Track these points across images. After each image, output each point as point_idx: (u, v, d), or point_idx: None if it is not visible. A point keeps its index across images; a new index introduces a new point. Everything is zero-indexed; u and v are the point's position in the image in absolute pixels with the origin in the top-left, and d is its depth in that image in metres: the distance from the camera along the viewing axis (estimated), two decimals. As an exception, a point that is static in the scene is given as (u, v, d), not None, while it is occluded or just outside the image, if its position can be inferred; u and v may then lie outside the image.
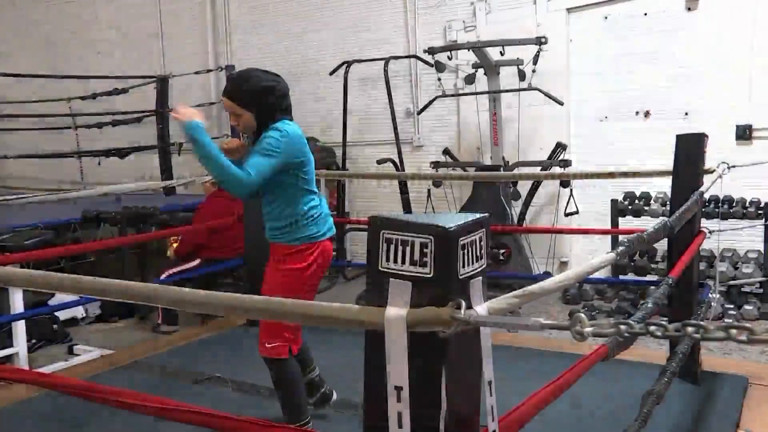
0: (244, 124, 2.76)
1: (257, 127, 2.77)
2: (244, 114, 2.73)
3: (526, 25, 6.10)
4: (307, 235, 2.78)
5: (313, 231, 2.79)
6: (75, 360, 4.55)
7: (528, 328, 1.18)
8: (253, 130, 2.79)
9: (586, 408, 3.23)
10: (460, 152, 6.60)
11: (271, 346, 2.79)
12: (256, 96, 2.71)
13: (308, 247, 2.79)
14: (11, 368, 3.03)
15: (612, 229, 5.59)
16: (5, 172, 9.83)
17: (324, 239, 2.85)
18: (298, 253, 2.77)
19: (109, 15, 8.99)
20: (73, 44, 9.35)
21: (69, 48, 9.37)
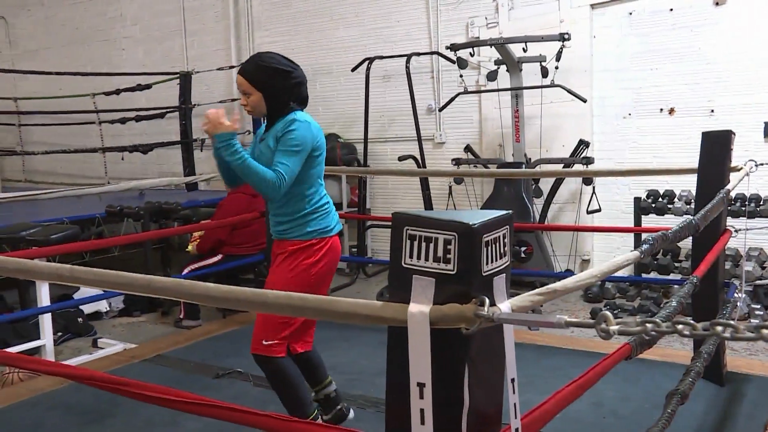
0: (253, 105, 2.71)
1: (268, 113, 2.72)
2: (254, 93, 2.68)
3: (549, 21, 6.06)
4: (318, 229, 2.74)
5: (323, 225, 2.75)
6: (99, 353, 4.61)
7: (553, 325, 1.18)
8: (262, 113, 2.74)
9: (607, 407, 3.22)
10: (481, 149, 6.57)
11: (267, 344, 2.69)
12: (269, 76, 2.66)
13: (318, 242, 2.73)
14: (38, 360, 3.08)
15: (635, 227, 5.53)
16: (32, 167, 9.97)
17: (334, 234, 2.81)
18: (309, 248, 2.71)
19: (133, 12, 9.08)
20: (97, 41, 9.45)
21: (94, 45, 9.47)
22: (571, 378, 1.85)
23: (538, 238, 5.79)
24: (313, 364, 3.02)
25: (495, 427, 1.51)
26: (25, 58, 10.16)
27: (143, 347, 4.57)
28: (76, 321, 5.08)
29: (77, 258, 5.76)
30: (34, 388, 3.70)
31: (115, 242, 5.11)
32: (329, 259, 2.77)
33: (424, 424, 1.32)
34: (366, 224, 6.82)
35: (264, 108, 2.71)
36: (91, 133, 8.70)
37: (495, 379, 1.51)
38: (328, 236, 2.77)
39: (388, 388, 1.46)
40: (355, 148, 6.96)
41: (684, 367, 2.65)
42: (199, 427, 3.09)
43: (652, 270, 5.43)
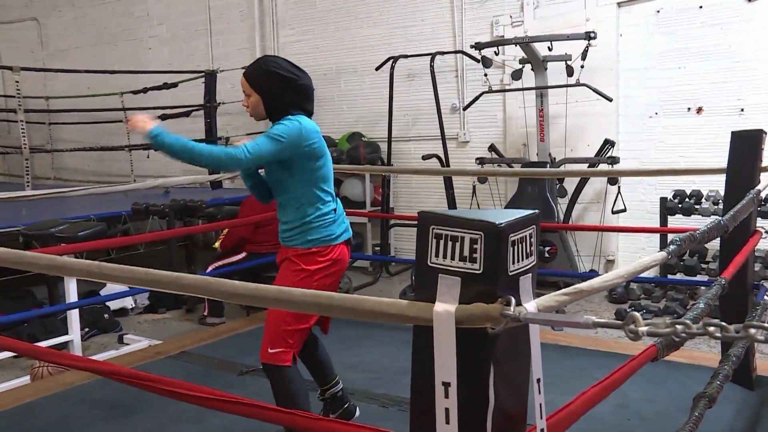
0: (252, 106, 2.66)
1: (268, 117, 2.67)
2: (252, 95, 2.64)
3: (575, 19, 6.02)
4: (320, 237, 2.64)
5: (326, 233, 2.65)
6: (125, 349, 4.67)
7: (580, 325, 1.17)
8: (261, 116, 2.68)
9: (632, 408, 3.19)
10: (505, 148, 6.54)
11: (273, 352, 2.62)
12: (268, 79, 2.60)
13: (321, 250, 2.65)
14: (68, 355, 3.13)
15: (661, 227, 5.48)
16: (60, 164, 10.13)
17: (340, 242, 2.70)
18: (311, 255, 2.64)
19: (160, 12, 9.17)
20: (125, 41, 9.57)
21: (121, 44, 9.59)
22: (594, 379, 1.84)
23: (562, 238, 5.75)
24: (322, 363, 3.02)
25: (520, 427, 1.51)
26: (56, 58, 10.32)
27: (168, 344, 4.62)
28: (102, 317, 5.15)
29: (103, 255, 5.84)
30: (63, 383, 3.76)
31: (140, 239, 5.17)
32: (335, 269, 2.70)
33: (449, 423, 1.32)
34: (389, 223, 6.82)
35: (262, 111, 2.66)
36: (117, 131, 8.81)
37: (520, 379, 1.50)
38: (331, 245, 2.67)
39: (413, 387, 1.46)
40: (379, 147, 6.96)
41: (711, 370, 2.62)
42: (224, 424, 3.11)
43: (678, 271, 5.37)
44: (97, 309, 5.15)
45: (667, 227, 5.41)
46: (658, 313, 4.98)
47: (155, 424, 3.22)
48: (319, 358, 3.01)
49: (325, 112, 7.71)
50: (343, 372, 3.79)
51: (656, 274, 5.44)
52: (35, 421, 3.31)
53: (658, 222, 5.57)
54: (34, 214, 5.64)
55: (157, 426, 3.20)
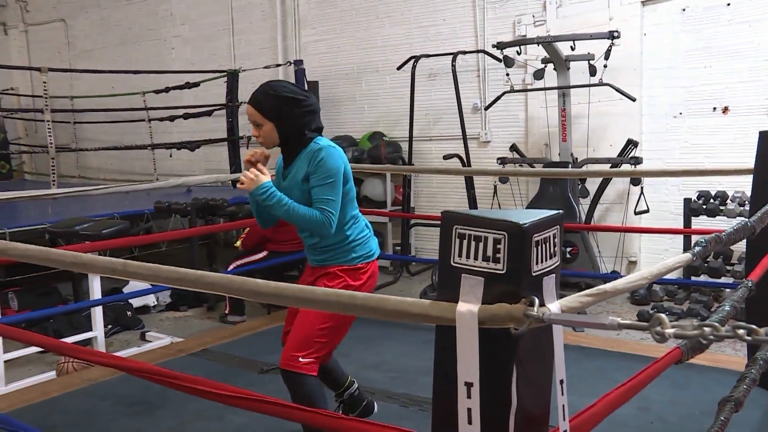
0: (265, 136, 2.60)
1: (282, 144, 2.62)
2: (265, 124, 2.57)
3: (598, 18, 5.97)
4: (362, 254, 2.68)
5: (366, 251, 2.69)
6: (147, 346, 4.71)
7: (605, 327, 1.16)
8: (275, 144, 2.62)
9: (655, 412, 3.15)
10: (527, 148, 6.51)
11: (304, 362, 2.58)
12: (279, 104, 2.54)
13: (364, 267, 2.69)
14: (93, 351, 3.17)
15: (684, 229, 5.41)
16: (85, 163, 10.25)
17: (375, 259, 2.74)
18: (354, 271, 2.66)
19: (183, 12, 9.25)
20: (148, 41, 9.66)
21: (145, 44, 9.68)
22: (615, 381, 1.83)
23: (584, 238, 5.71)
24: (332, 371, 3.01)
25: (542, 428, 1.50)
26: (82, 58, 10.46)
27: (189, 341, 4.66)
28: (125, 314, 5.21)
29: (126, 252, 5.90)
30: (88, 378, 3.81)
31: (163, 237, 5.22)
32: (370, 284, 2.73)
33: (471, 423, 1.31)
34: (410, 223, 6.82)
35: (276, 138, 2.60)
36: (140, 130, 8.90)
37: (543, 380, 1.50)
38: (371, 261, 2.71)
39: (435, 386, 1.46)
40: (400, 147, 6.96)
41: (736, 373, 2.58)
42: (245, 421, 3.13)
43: (702, 273, 5.31)
44: (120, 306, 5.21)
45: (691, 228, 5.35)
46: (681, 316, 4.93)
47: (177, 420, 3.24)
48: (328, 367, 2.98)
49: (346, 112, 7.72)
50: (363, 371, 3.81)
51: (679, 275, 5.38)
52: (61, 416, 3.35)
53: (682, 223, 5.50)
54: (59, 212, 5.71)
55: (178, 423, 3.22)
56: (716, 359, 3.83)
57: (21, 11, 11.21)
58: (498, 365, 1.35)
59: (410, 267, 6.82)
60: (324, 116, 7.83)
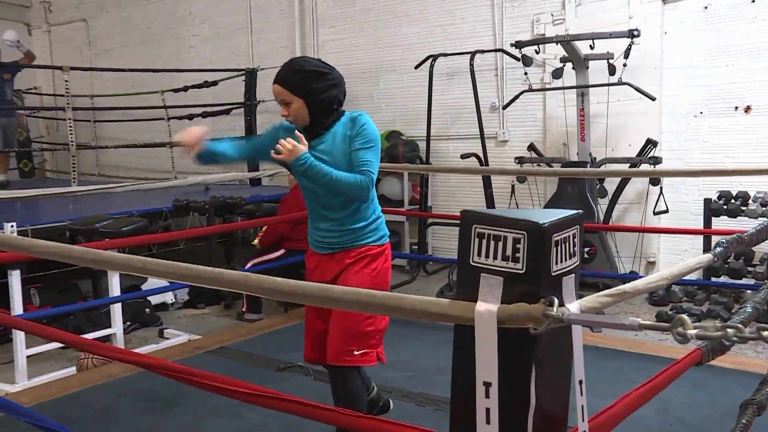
0: (295, 114, 2.55)
1: (311, 120, 2.57)
2: (294, 101, 2.52)
3: (618, 17, 5.92)
4: (385, 233, 2.68)
5: (386, 230, 2.70)
6: (165, 343, 4.74)
7: (626, 327, 1.15)
8: (305, 122, 2.57)
9: (674, 414, 3.13)
10: (545, 148, 6.48)
11: (359, 354, 2.55)
12: (308, 80, 2.50)
13: (387, 246, 2.68)
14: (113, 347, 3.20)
15: (704, 229, 5.36)
16: (104, 161, 10.35)
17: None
18: (381, 254, 2.63)
19: (202, 11, 9.30)
20: (168, 40, 9.73)
21: (164, 43, 9.75)
22: (633, 382, 1.81)
23: (602, 238, 5.67)
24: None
25: (561, 428, 1.49)
26: (102, 57, 10.55)
27: (207, 339, 4.69)
28: (143, 311, 5.24)
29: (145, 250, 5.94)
30: (107, 374, 3.85)
31: (181, 235, 5.24)
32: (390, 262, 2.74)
33: (490, 423, 1.31)
34: (427, 222, 6.81)
35: (306, 115, 2.55)
36: (159, 128, 8.97)
37: (562, 380, 1.49)
38: (389, 241, 2.72)
39: (453, 386, 1.46)
40: (418, 146, 6.95)
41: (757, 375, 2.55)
42: (262, 419, 3.15)
43: (723, 274, 5.25)
44: (139, 303, 5.24)
45: (711, 229, 5.29)
46: (701, 317, 4.88)
47: (194, 417, 3.27)
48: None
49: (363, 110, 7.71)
50: (379, 370, 3.79)
51: (699, 276, 5.33)
52: (82, 411, 3.39)
53: (702, 224, 5.45)
54: (79, 209, 5.77)
55: (196, 419, 3.25)
56: (737, 361, 3.79)
57: (44, 12, 11.34)
58: (517, 365, 1.35)
59: (427, 266, 6.81)
60: (341, 115, 7.85)
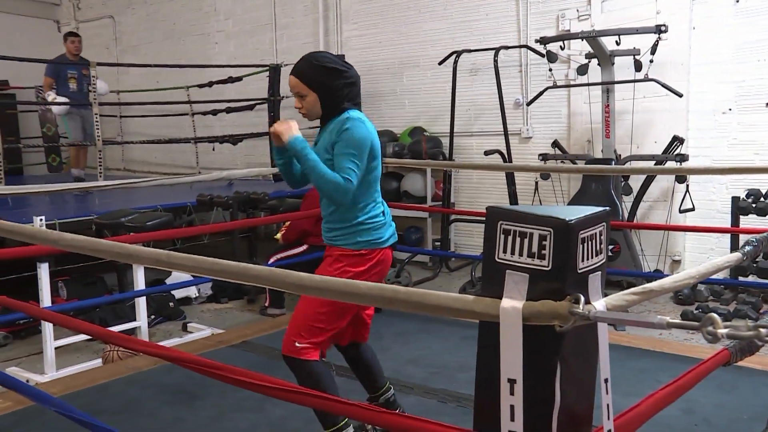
0: (308, 107, 2.57)
1: (323, 115, 2.60)
2: (309, 95, 2.54)
3: (645, 12, 5.84)
4: (368, 240, 2.58)
5: (375, 236, 2.60)
6: (188, 337, 4.79)
7: (654, 326, 1.14)
8: (317, 116, 2.61)
9: (699, 414, 3.09)
10: (569, 145, 6.43)
11: (301, 346, 2.56)
12: (324, 75, 2.51)
13: (368, 253, 2.58)
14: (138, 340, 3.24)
15: (732, 227, 5.28)
16: (130, 156, 10.46)
17: (386, 246, 2.64)
18: (356, 257, 2.57)
19: (226, 7, 9.35)
20: (193, 36, 9.80)
21: (189, 39, 9.82)
22: (658, 381, 1.80)
23: (626, 236, 5.62)
24: (370, 369, 2.93)
25: (586, 427, 1.48)
26: (128, 53, 10.66)
27: (230, 333, 4.72)
28: (167, 305, 5.30)
29: (169, 244, 6.00)
30: (132, 367, 3.89)
31: (205, 230, 5.29)
32: (378, 271, 2.63)
33: (514, 420, 1.30)
34: (450, 218, 6.80)
35: (320, 110, 2.58)
36: (184, 124, 9.04)
37: (587, 378, 1.48)
38: (378, 248, 2.60)
39: (478, 382, 1.46)
40: (441, 142, 6.94)
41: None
42: (284, 413, 3.16)
43: (751, 273, 5.17)
44: (163, 297, 5.30)
45: (739, 227, 5.21)
46: (728, 317, 4.81)
47: (217, 410, 3.29)
48: (367, 363, 2.93)
49: (387, 107, 7.72)
50: (402, 366, 3.82)
51: (726, 275, 5.26)
52: (108, 403, 3.43)
53: (729, 222, 5.37)
54: (105, 204, 5.84)
55: (219, 413, 3.27)
56: (765, 362, 3.73)
57: (73, 9, 11.50)
58: (542, 362, 1.34)
59: (449, 263, 6.80)
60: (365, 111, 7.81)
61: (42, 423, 3.14)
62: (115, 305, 4.89)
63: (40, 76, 7.96)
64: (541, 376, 1.34)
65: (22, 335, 4.87)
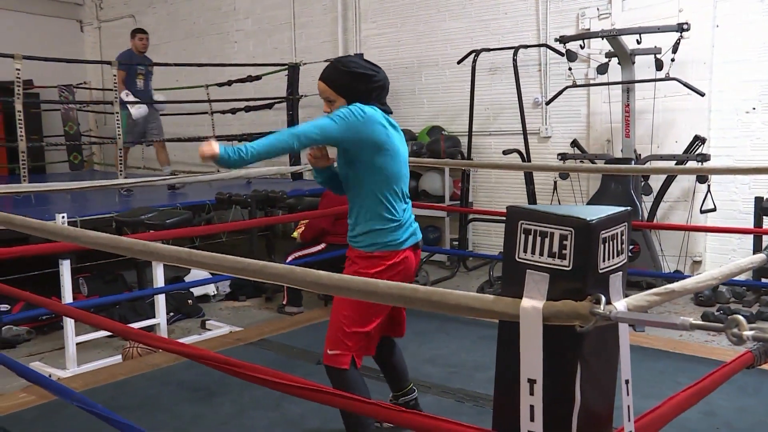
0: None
1: None
2: (337, 100, 2.54)
3: (667, 10, 5.79)
4: (384, 242, 2.54)
5: (390, 239, 2.55)
6: (207, 334, 4.81)
7: (676, 327, 1.13)
8: None
9: (721, 417, 3.05)
10: (588, 144, 6.39)
11: (332, 354, 2.56)
12: (351, 80, 2.51)
13: (383, 255, 2.55)
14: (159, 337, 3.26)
15: (755, 228, 5.21)
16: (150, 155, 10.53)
17: (405, 248, 2.59)
18: (372, 259, 2.55)
19: (246, 6, 9.40)
20: (212, 35, 9.85)
21: (209, 38, 9.88)
22: (677, 383, 1.79)
23: (645, 237, 5.57)
24: (396, 369, 2.95)
25: (606, 428, 1.47)
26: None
27: (248, 331, 4.74)
28: (186, 303, 5.33)
29: (188, 242, 6.04)
30: (151, 363, 3.92)
31: (223, 228, 5.31)
32: (396, 273, 2.56)
33: (534, 420, 1.30)
34: (468, 217, 6.78)
35: None
36: (203, 122, 9.09)
37: (607, 379, 1.47)
38: (395, 250, 2.56)
39: (497, 382, 1.45)
40: (459, 141, 6.92)
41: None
42: (301, 411, 3.17)
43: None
44: (182, 295, 5.34)
45: (762, 228, 5.15)
46: (751, 319, 4.76)
47: (236, 408, 3.31)
48: (394, 363, 2.96)
49: (405, 106, 7.72)
50: (419, 365, 3.81)
51: (748, 277, 5.19)
52: (128, 399, 3.47)
53: (751, 223, 5.30)
54: (126, 202, 5.90)
55: (237, 410, 3.29)
56: (786, 365, 3.68)
57: (96, 9, 11.63)
58: (562, 363, 1.33)
59: (467, 262, 6.78)
60: (383, 109, 7.81)
61: (65, 417, 3.18)
62: (135, 302, 4.94)
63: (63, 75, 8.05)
64: (562, 377, 1.34)
65: (44, 330, 4.93)
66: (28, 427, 3.15)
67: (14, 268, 4.25)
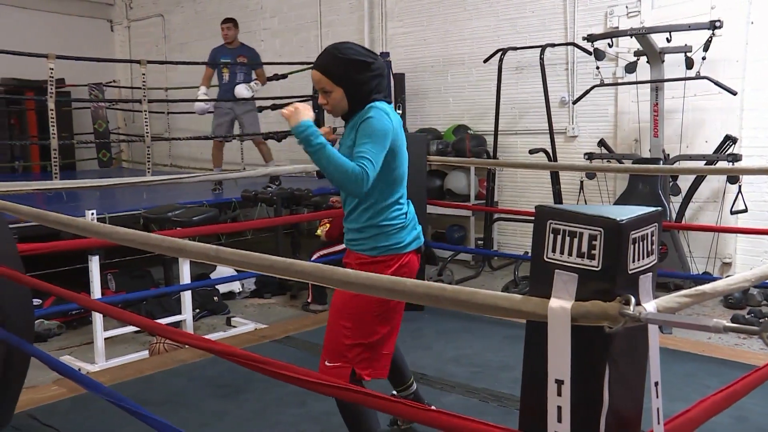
0: (334, 104, 2.39)
1: (348, 108, 2.40)
2: (334, 90, 2.36)
3: (698, 8, 5.70)
4: (388, 245, 2.41)
5: (394, 241, 2.42)
6: (232, 331, 4.85)
7: (709, 329, 1.11)
8: (343, 112, 2.42)
9: (753, 422, 3.00)
10: (615, 144, 6.32)
11: (331, 365, 2.41)
12: (349, 68, 2.34)
13: (388, 259, 2.41)
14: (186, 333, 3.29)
15: (787, 230, 5.12)
16: (176, 152, 10.65)
17: (409, 251, 2.46)
18: (375, 264, 2.39)
19: (272, 4, 9.45)
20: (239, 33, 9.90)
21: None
22: (706, 386, 1.76)
23: (674, 237, 5.49)
24: (395, 363, 2.80)
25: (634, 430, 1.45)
26: (177, 51, 10.87)
27: (273, 328, 4.77)
28: (212, 299, 5.38)
29: (213, 239, 6.09)
30: (178, 359, 3.97)
31: (249, 226, 5.35)
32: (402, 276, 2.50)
33: (561, 422, 1.29)
34: (493, 217, 6.75)
35: (346, 105, 2.39)
36: (230, 120, 9.14)
37: (636, 380, 1.45)
38: (398, 253, 2.43)
39: (524, 382, 1.44)
40: (485, 140, 6.89)
41: None
42: (326, 409, 3.18)
43: (806, 278, 5.00)
44: (208, 291, 5.38)
45: (794, 230, 5.05)
46: (780, 322, 4.67)
47: (261, 404, 3.33)
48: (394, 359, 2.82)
49: (431, 104, 7.70)
50: (444, 364, 3.81)
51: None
52: (154, 394, 3.51)
53: (786, 224, 5.21)
54: (153, 199, 5.96)
55: (262, 406, 3.31)
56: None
57: (125, 8, 11.80)
58: (590, 364, 1.32)
59: (492, 261, 6.75)
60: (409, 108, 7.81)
61: (95, 410, 3.22)
62: (162, 298, 4.99)
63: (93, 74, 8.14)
64: (590, 378, 1.32)
65: (74, 325, 5.01)
66: (61, 420, 3.20)
67: (45, 264, 4.31)
